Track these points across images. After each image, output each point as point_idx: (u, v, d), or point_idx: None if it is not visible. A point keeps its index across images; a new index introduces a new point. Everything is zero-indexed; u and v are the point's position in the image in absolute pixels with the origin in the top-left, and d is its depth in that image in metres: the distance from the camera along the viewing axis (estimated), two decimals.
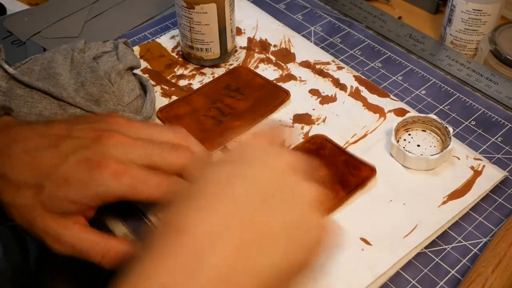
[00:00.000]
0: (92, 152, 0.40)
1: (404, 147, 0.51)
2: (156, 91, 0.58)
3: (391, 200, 0.48)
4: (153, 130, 0.44)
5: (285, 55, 0.62)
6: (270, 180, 0.35)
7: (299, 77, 0.60)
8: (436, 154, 0.50)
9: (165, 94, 0.58)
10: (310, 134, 0.54)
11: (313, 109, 0.56)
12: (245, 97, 0.57)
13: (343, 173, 0.50)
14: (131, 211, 0.48)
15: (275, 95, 0.57)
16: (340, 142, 0.53)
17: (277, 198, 0.34)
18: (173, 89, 0.58)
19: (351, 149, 0.52)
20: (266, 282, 0.32)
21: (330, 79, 0.59)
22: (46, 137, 0.41)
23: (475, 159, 0.52)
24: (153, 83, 0.59)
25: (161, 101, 0.57)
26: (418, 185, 0.49)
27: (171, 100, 0.57)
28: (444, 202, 0.48)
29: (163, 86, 0.59)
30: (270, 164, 0.36)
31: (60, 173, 0.39)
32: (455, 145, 0.52)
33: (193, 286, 0.30)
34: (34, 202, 0.40)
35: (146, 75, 0.60)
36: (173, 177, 0.42)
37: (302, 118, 0.55)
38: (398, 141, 0.52)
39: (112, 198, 0.40)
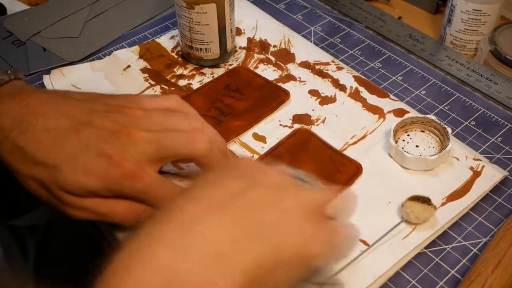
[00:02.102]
0: (112, 149, 0.41)
1: (402, 148, 0.51)
2: (155, 91, 0.58)
3: (390, 202, 0.48)
4: (171, 119, 0.44)
5: (284, 56, 0.62)
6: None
7: (299, 77, 0.60)
8: (435, 154, 0.50)
9: (164, 93, 0.58)
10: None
11: (313, 110, 0.56)
12: (245, 97, 0.57)
13: (329, 170, 0.50)
14: None
15: (274, 95, 0.57)
16: (340, 143, 0.53)
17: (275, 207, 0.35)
18: (172, 89, 0.58)
19: (351, 150, 0.52)
20: (260, 269, 0.33)
21: (330, 80, 0.59)
22: (66, 119, 0.42)
23: (474, 159, 0.51)
24: (152, 82, 0.59)
25: None
26: (417, 186, 0.49)
27: None
28: (443, 204, 0.48)
29: (162, 85, 0.59)
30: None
31: (79, 162, 0.40)
32: (455, 146, 0.52)
33: (187, 261, 0.32)
34: (50, 180, 0.41)
35: (146, 75, 0.60)
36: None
37: (302, 119, 0.55)
38: (396, 142, 0.52)
39: (124, 195, 0.42)
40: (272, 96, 0.57)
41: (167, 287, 0.31)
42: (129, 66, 0.61)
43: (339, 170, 0.50)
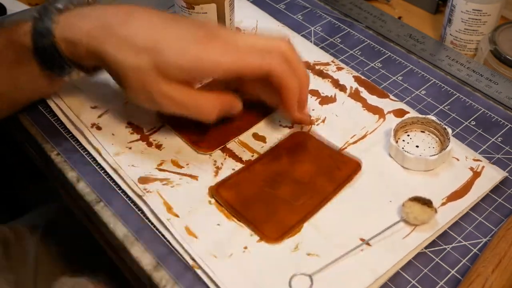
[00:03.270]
0: (206, 32, 0.47)
1: (403, 148, 0.51)
2: None
3: (390, 201, 0.48)
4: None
5: None
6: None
7: None
8: (435, 155, 0.50)
9: None
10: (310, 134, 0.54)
11: (313, 110, 0.56)
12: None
13: (329, 167, 0.50)
14: (131, 212, 0.48)
15: None
16: (340, 143, 0.53)
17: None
18: None
19: (351, 150, 0.52)
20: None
21: (330, 80, 0.59)
22: (163, 17, 0.48)
23: (474, 160, 0.52)
24: None
25: None
26: (417, 186, 0.49)
27: None
28: (443, 204, 0.48)
29: None
30: None
31: (179, 44, 0.46)
32: (455, 146, 0.52)
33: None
34: (150, 66, 0.46)
35: None
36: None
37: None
38: (397, 142, 0.52)
39: (220, 72, 0.47)
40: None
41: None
42: None
43: (339, 167, 0.50)
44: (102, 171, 0.51)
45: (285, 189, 0.49)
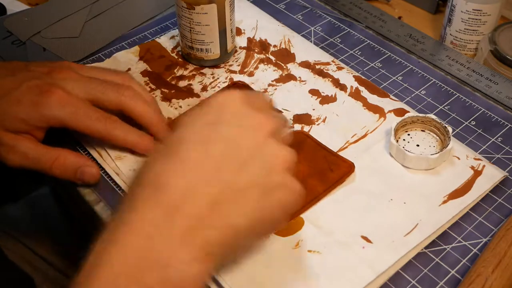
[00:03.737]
0: (43, 82, 0.47)
1: (403, 147, 0.51)
2: (156, 96, 0.58)
3: (391, 199, 0.48)
4: (101, 72, 0.51)
5: (285, 55, 0.62)
6: (250, 143, 0.36)
7: (299, 77, 0.60)
8: (436, 153, 0.50)
9: (165, 98, 0.57)
10: (310, 133, 0.54)
11: (313, 109, 0.56)
12: None
13: (322, 169, 0.50)
14: None
15: None
16: (340, 142, 0.53)
17: (256, 161, 0.36)
18: (173, 91, 0.58)
19: (351, 149, 0.52)
20: (235, 234, 0.35)
21: (330, 79, 0.59)
22: (5, 69, 0.49)
23: (475, 159, 0.52)
24: (153, 86, 0.59)
25: (160, 105, 0.55)
26: (418, 185, 0.50)
27: (170, 104, 0.57)
28: (444, 202, 0.48)
29: (163, 89, 0.58)
30: (250, 127, 0.37)
31: (13, 95, 0.46)
32: (455, 145, 0.52)
33: (167, 234, 0.33)
34: None
35: (146, 78, 0.60)
36: (113, 116, 0.48)
37: (302, 119, 0.55)
38: (397, 141, 0.52)
39: (57, 122, 0.46)
40: None
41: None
42: (129, 69, 0.61)
43: (332, 169, 0.50)
44: (103, 171, 0.51)
45: None
